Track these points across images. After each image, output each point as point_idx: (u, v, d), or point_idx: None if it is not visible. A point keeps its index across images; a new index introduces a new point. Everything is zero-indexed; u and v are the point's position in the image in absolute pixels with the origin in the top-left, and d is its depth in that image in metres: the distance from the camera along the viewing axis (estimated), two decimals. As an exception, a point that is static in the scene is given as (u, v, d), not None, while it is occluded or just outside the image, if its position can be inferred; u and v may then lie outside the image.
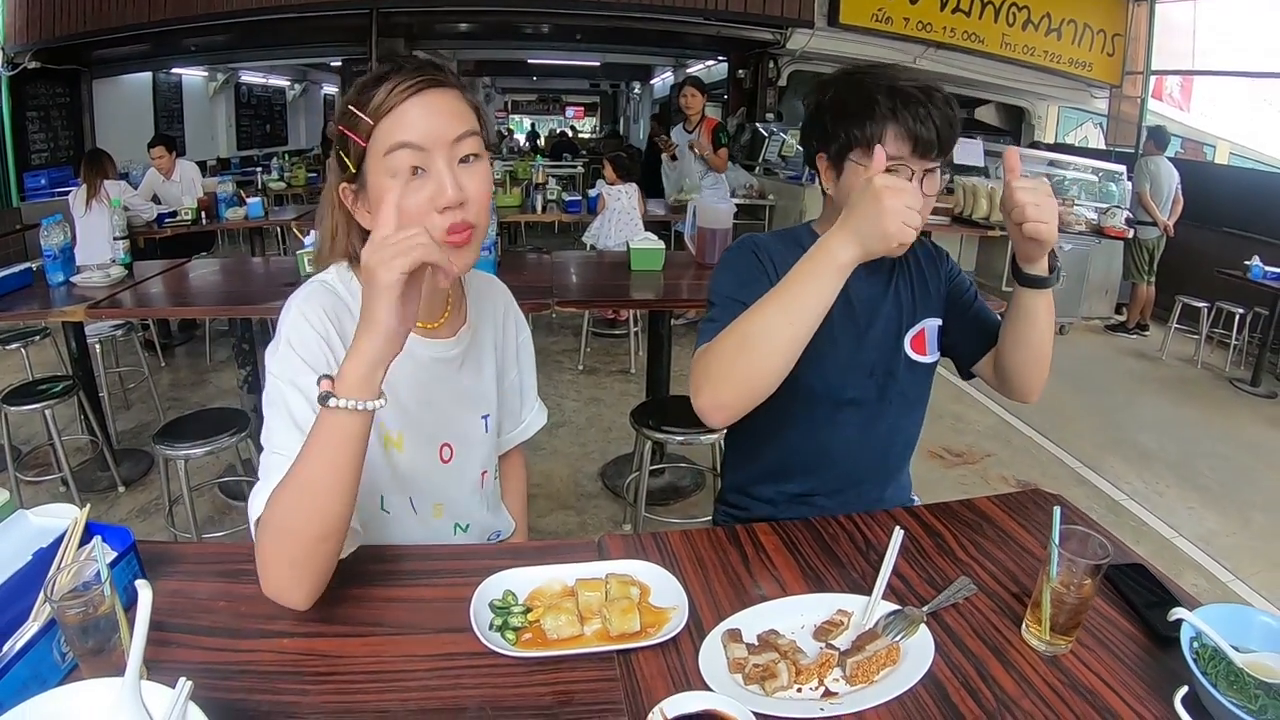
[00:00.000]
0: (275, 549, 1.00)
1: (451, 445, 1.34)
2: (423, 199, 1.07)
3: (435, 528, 1.36)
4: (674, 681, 0.94)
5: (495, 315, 1.43)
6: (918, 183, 1.32)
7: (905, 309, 1.54)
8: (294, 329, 1.13)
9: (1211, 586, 3.30)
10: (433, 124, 1.07)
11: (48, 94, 9.15)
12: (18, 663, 0.87)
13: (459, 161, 1.09)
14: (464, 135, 1.10)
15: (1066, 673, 0.97)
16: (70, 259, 3.52)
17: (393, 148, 1.06)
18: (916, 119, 1.30)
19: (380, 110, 1.06)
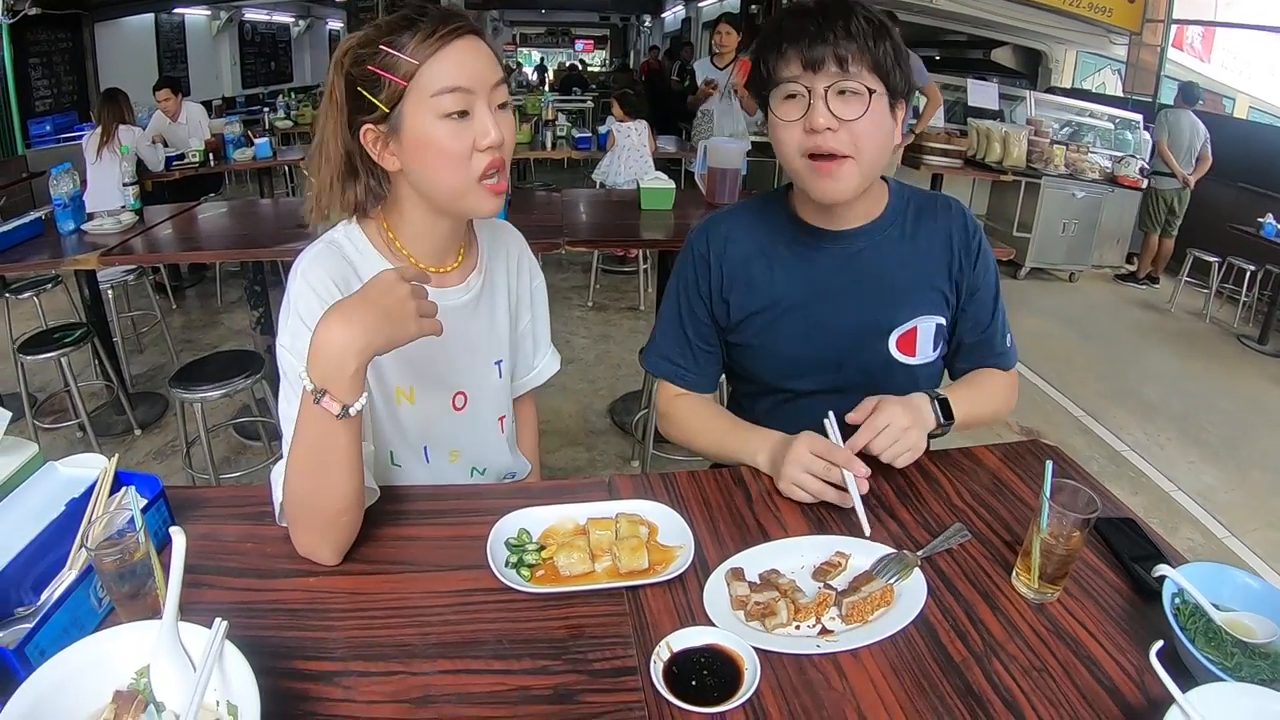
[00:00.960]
0: (298, 522, 1.06)
1: (466, 393, 1.37)
2: (466, 140, 1.11)
3: (450, 475, 1.40)
4: (679, 617, 0.99)
5: (508, 260, 1.44)
6: (822, 104, 1.21)
7: (890, 305, 1.43)
8: (300, 298, 1.15)
9: (1207, 542, 3.35)
10: (476, 69, 1.11)
11: (49, 40, 9.02)
12: (58, 609, 0.91)
13: (497, 107, 1.14)
14: (499, 82, 1.15)
15: (1052, 620, 1.01)
16: (80, 207, 3.53)
17: (442, 90, 1.09)
18: (804, 35, 1.21)
19: (425, 49, 1.08)
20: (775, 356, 1.47)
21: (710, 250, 1.46)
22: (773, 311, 1.44)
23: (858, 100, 1.22)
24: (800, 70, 1.22)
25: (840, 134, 1.22)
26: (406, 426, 1.32)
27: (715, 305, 1.48)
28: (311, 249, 1.22)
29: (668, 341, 1.53)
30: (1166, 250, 7.12)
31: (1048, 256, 7.04)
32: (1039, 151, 7.14)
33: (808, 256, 1.42)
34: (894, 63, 1.24)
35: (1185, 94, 6.89)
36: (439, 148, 1.11)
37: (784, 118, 1.26)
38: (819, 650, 0.94)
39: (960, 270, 1.45)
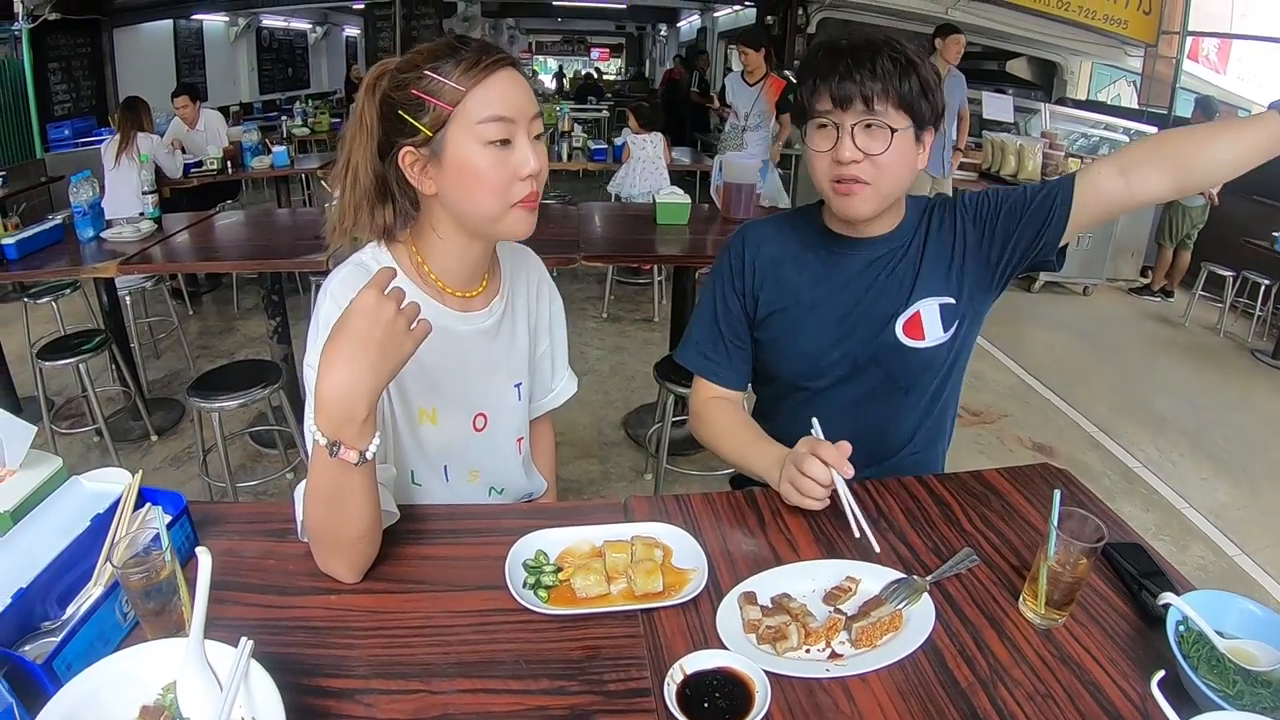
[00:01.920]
0: (317, 545, 1.09)
1: (486, 414, 1.40)
2: (507, 168, 1.15)
3: (469, 494, 1.42)
4: (693, 639, 1.01)
5: (529, 285, 1.47)
6: (849, 139, 1.32)
7: (895, 292, 1.48)
8: (330, 318, 1.12)
9: (1218, 560, 3.33)
10: (518, 100, 1.15)
11: (69, 44, 9.10)
12: (85, 624, 0.93)
13: (534, 138, 1.18)
14: (537, 114, 1.19)
15: (1058, 646, 1.03)
16: (99, 214, 3.57)
17: (487, 118, 1.12)
18: (836, 74, 1.31)
19: (472, 77, 1.11)
20: (795, 353, 1.55)
21: (746, 250, 1.57)
22: (795, 309, 1.53)
23: (881, 136, 1.32)
24: (830, 106, 1.33)
25: (863, 164, 1.33)
26: (427, 446, 1.35)
27: (747, 301, 1.58)
28: (340, 270, 1.25)
29: (703, 337, 1.62)
30: (1183, 263, 7.09)
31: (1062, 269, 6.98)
32: (1054, 164, 7.13)
33: (831, 261, 1.52)
34: (919, 96, 1.32)
35: (1204, 107, 6.86)
36: (481, 174, 1.14)
37: (816, 147, 1.38)
38: (828, 674, 0.96)
39: (973, 244, 1.48)
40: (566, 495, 3.41)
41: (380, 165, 1.20)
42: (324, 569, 1.10)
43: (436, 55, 1.13)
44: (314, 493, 1.04)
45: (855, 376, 1.53)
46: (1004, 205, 1.46)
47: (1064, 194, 1.40)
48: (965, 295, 1.49)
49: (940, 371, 1.53)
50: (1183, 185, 1.35)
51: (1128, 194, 1.35)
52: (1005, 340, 5.49)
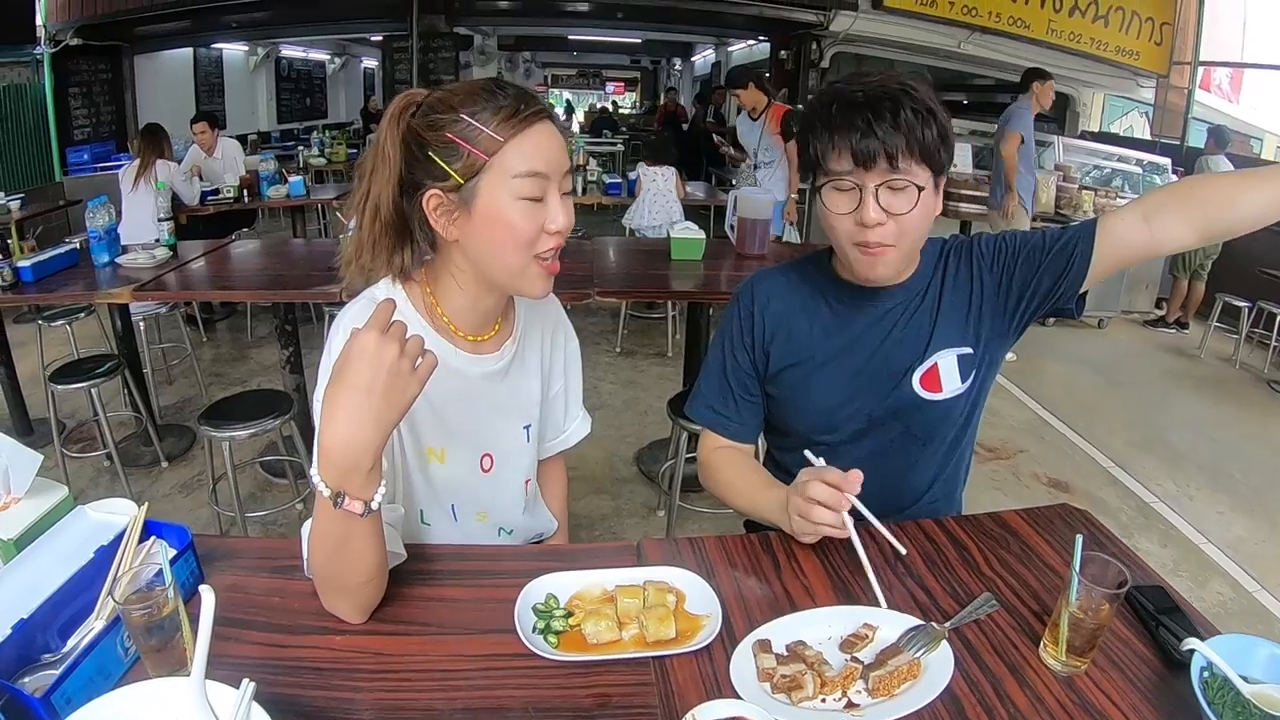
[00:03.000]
0: (323, 588, 1.08)
1: (493, 455, 1.38)
2: (537, 223, 1.13)
3: (478, 534, 1.41)
4: (706, 688, 0.98)
5: (545, 327, 1.45)
6: (873, 201, 1.25)
7: (912, 344, 1.44)
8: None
9: (1237, 595, 3.28)
10: (554, 155, 1.14)
11: (90, 70, 9.25)
12: (85, 658, 0.92)
13: (563, 194, 1.17)
14: (570, 170, 1.18)
15: (1079, 694, 1.00)
16: (115, 240, 3.60)
17: (524, 173, 1.10)
18: (854, 130, 1.23)
19: (511, 128, 1.09)
20: (809, 409, 1.51)
21: (754, 303, 1.53)
22: (808, 365, 1.49)
23: (907, 195, 1.26)
24: (851, 166, 1.25)
25: (888, 226, 1.27)
26: (435, 485, 1.33)
27: (757, 356, 1.53)
28: (354, 304, 1.23)
29: (711, 391, 1.59)
30: (1197, 295, 7.05)
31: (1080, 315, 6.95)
32: (1067, 197, 7.13)
33: (845, 314, 1.47)
34: (940, 144, 1.26)
35: (1218, 138, 6.86)
36: (511, 227, 1.12)
37: (836, 209, 1.31)
38: (845, 725, 0.93)
39: (990, 292, 1.44)
40: (578, 531, 3.38)
41: (402, 202, 1.17)
42: (329, 609, 1.09)
43: (474, 98, 1.11)
44: (319, 537, 1.02)
45: (872, 430, 1.48)
46: (1022, 252, 1.41)
47: (1084, 242, 1.36)
48: (982, 344, 1.45)
49: (959, 421, 1.49)
50: (1208, 235, 1.30)
51: (1150, 243, 1.32)
52: (1020, 375, 5.45)
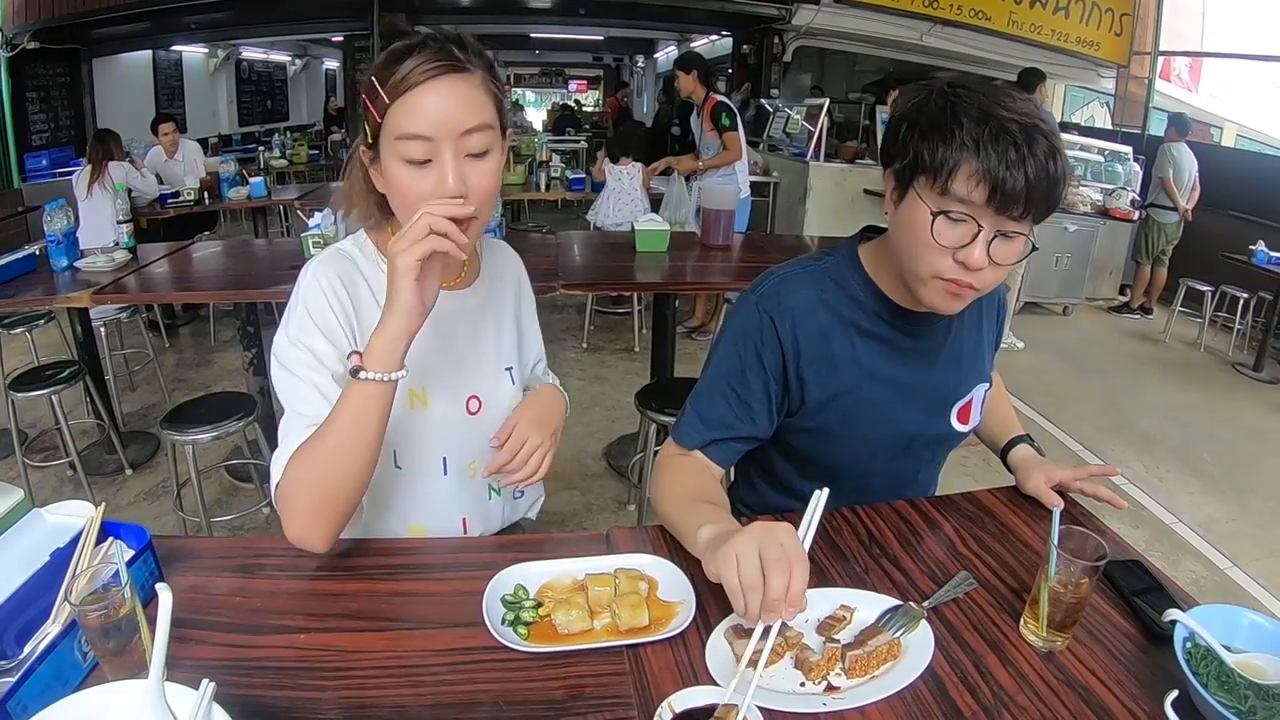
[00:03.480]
0: (301, 501, 1.10)
1: (480, 398, 1.36)
2: (426, 188, 1.09)
3: (469, 491, 1.39)
4: (681, 675, 0.96)
5: (510, 277, 1.47)
6: (984, 246, 1.10)
7: (954, 377, 1.39)
8: (309, 294, 1.19)
9: (1210, 574, 3.32)
10: (444, 114, 1.07)
11: (47, 74, 9.10)
12: (42, 664, 0.89)
13: (467, 155, 1.10)
14: (475, 129, 1.09)
15: (1062, 669, 0.99)
16: (74, 244, 3.51)
17: (402, 136, 1.08)
18: (1004, 160, 1.05)
19: (397, 89, 1.06)
20: (853, 440, 1.37)
21: (779, 319, 1.31)
22: (855, 395, 1.33)
23: (1016, 246, 1.14)
24: (982, 201, 1.08)
25: (985, 272, 1.13)
26: (424, 432, 1.31)
27: (790, 380, 1.34)
28: (322, 254, 1.26)
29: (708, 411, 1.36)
30: (1160, 280, 7.16)
31: (1041, 290, 7.05)
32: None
33: (892, 339, 1.34)
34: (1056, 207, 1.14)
35: (1178, 125, 6.96)
36: (398, 189, 1.12)
37: (939, 239, 1.13)
38: (825, 708, 0.92)
39: (993, 328, 1.49)
40: (548, 527, 3.34)
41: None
42: (298, 536, 1.11)
43: (391, 58, 1.09)
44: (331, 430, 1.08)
45: (898, 457, 1.41)
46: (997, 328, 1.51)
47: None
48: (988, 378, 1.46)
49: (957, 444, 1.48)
50: None
51: None
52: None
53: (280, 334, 1.19)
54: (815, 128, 7.42)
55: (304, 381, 1.15)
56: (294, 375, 1.16)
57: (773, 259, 3.58)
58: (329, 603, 1.08)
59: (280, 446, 1.14)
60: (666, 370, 3.90)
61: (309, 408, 1.14)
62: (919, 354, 1.35)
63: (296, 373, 1.15)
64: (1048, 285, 7.06)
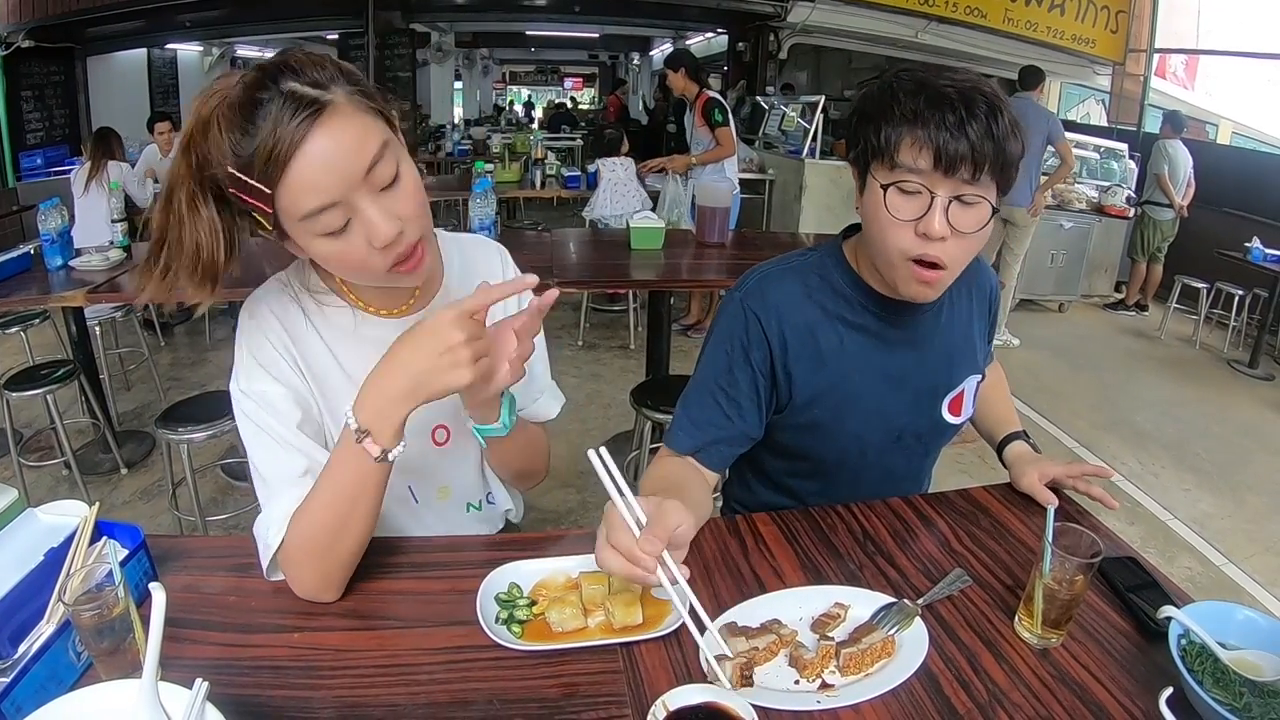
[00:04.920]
0: (307, 563, 1.05)
1: (447, 427, 1.30)
2: (360, 246, 0.98)
3: (445, 512, 1.36)
4: (675, 673, 0.96)
5: (492, 278, 1.28)
6: (942, 213, 1.10)
7: (944, 368, 1.39)
8: (249, 335, 1.13)
9: (1205, 570, 3.33)
10: (336, 170, 0.93)
11: (42, 72, 9.08)
12: (36, 664, 0.88)
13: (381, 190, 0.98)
14: (375, 161, 0.96)
15: (1057, 666, 0.99)
16: (68, 243, 3.49)
17: (307, 216, 0.94)
18: (943, 125, 1.07)
19: (270, 170, 0.90)
20: (842, 436, 1.36)
21: (764, 314, 1.30)
22: (843, 390, 1.33)
23: (977, 212, 1.13)
24: (929, 167, 1.09)
25: (949, 243, 1.13)
26: None
27: (779, 376, 1.33)
28: (261, 288, 1.18)
29: (698, 415, 1.35)
30: (1155, 277, 7.18)
31: (1036, 287, 7.07)
32: (1026, 184, 7.19)
33: (878, 331, 1.33)
34: (1017, 166, 1.14)
35: (1173, 122, 6.97)
36: (335, 259, 1.01)
37: (898, 214, 1.14)
38: (820, 706, 0.91)
39: (985, 322, 1.48)
40: (544, 525, 3.36)
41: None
42: (307, 591, 1.07)
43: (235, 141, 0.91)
44: (323, 496, 1.03)
45: (889, 450, 1.40)
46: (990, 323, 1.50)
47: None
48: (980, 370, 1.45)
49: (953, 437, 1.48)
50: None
51: None
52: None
53: (232, 382, 1.12)
54: (811, 125, 7.41)
55: (268, 434, 1.09)
56: (256, 427, 1.10)
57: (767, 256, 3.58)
58: (323, 602, 1.08)
59: (266, 510, 1.08)
60: (662, 368, 3.90)
61: (279, 468, 1.09)
62: (907, 344, 1.34)
63: (258, 422, 1.09)
64: (1043, 282, 7.08)
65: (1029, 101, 5.73)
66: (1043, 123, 5.64)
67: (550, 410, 1.44)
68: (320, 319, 1.17)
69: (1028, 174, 5.69)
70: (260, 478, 1.10)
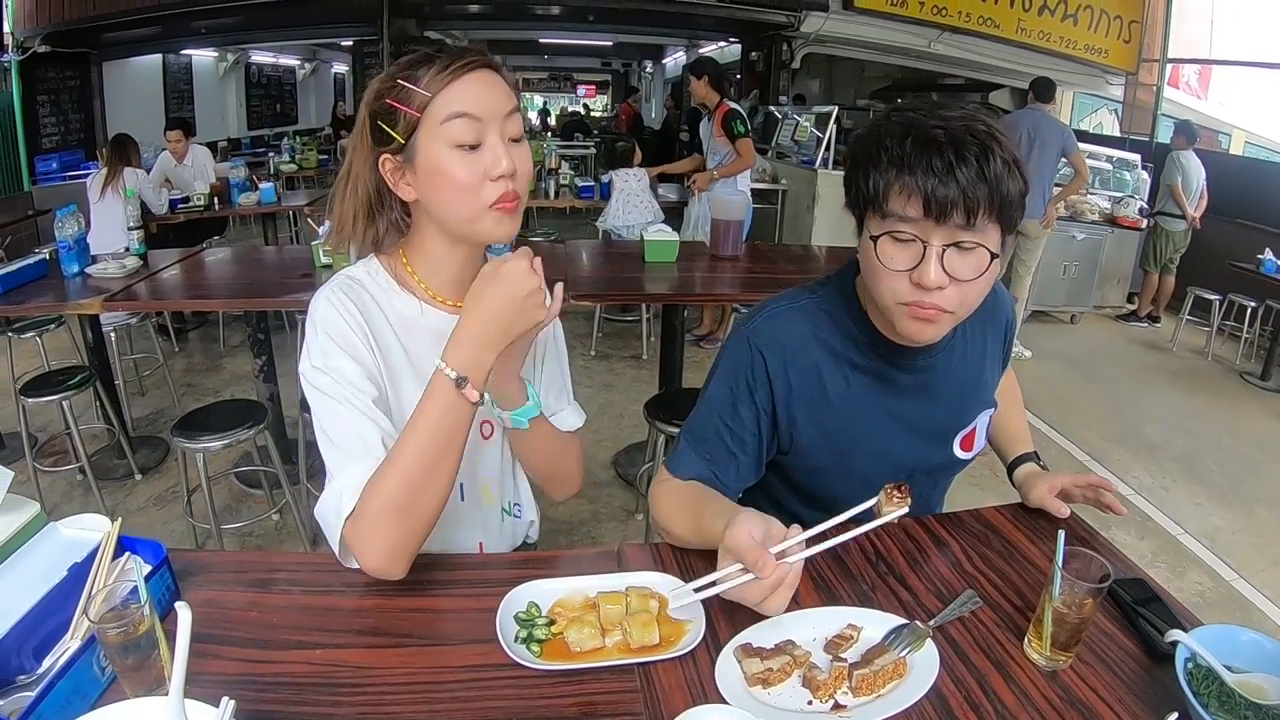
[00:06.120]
0: (387, 528, 1.08)
1: (493, 421, 1.35)
2: (478, 169, 1.11)
3: (487, 516, 1.40)
4: (691, 693, 0.97)
5: None
6: (936, 262, 1.08)
7: (956, 406, 1.37)
8: (326, 319, 1.17)
9: (1215, 585, 3.32)
10: (488, 98, 1.12)
11: (58, 77, 9.17)
12: (61, 679, 0.90)
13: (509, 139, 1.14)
14: (512, 111, 1.15)
15: (1065, 688, 1.00)
16: (85, 249, 3.53)
17: (451, 116, 1.10)
18: (930, 170, 1.04)
19: (438, 80, 1.10)
20: (850, 476, 1.34)
21: (769, 355, 1.30)
22: (850, 433, 1.32)
23: (975, 259, 1.09)
24: (920, 215, 1.07)
25: (948, 291, 1.10)
26: None
27: (780, 417, 1.33)
28: (332, 282, 1.23)
29: (701, 448, 1.35)
30: (1168, 288, 7.15)
31: (1049, 299, 7.06)
32: (1039, 194, 7.19)
33: (885, 373, 1.31)
34: (1019, 206, 1.09)
35: (1186, 132, 6.95)
36: (450, 175, 1.12)
37: (889, 264, 1.12)
38: (832, 727, 0.93)
39: (999, 351, 1.46)
40: (557, 536, 3.37)
41: (374, 177, 1.19)
42: (378, 565, 1.10)
43: (413, 64, 1.13)
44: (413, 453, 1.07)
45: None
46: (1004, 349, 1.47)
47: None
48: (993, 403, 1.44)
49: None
50: None
51: None
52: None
53: (303, 361, 1.17)
54: (824, 135, 7.41)
55: (343, 405, 1.13)
56: (331, 399, 1.14)
57: (781, 269, 3.64)
58: (344, 618, 1.09)
59: (335, 480, 1.12)
60: (675, 380, 3.92)
61: (355, 435, 1.13)
62: (917, 386, 1.33)
63: (333, 395, 1.14)
64: (1055, 294, 7.07)
65: (1043, 114, 5.72)
66: (1057, 135, 5.64)
67: (575, 422, 1.48)
68: (390, 308, 1.24)
69: (1041, 185, 5.68)
70: (332, 445, 1.14)
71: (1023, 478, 1.47)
